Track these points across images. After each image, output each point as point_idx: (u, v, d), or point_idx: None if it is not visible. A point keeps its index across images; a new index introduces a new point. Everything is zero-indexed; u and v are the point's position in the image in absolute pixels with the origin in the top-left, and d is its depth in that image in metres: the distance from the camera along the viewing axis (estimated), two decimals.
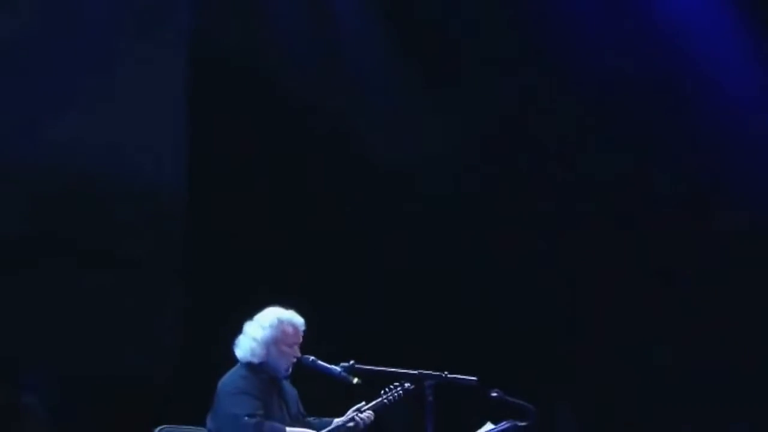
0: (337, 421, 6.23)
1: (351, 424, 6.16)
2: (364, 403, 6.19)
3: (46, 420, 7.20)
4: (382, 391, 6.23)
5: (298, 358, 6.21)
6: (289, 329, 6.16)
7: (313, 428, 6.25)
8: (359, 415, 6.17)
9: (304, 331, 6.22)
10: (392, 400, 6.21)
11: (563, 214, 8.88)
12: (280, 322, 6.15)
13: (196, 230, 8.35)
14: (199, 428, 6.19)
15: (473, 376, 6.18)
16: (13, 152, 7.88)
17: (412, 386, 6.26)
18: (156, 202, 8.23)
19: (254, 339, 6.11)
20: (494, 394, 6.34)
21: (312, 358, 6.23)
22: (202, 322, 8.09)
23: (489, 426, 6.34)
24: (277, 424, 5.97)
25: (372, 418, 6.20)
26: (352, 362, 6.18)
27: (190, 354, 7.87)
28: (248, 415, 5.86)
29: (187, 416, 6.64)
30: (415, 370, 6.11)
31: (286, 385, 6.27)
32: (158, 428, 6.24)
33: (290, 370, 6.19)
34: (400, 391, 6.22)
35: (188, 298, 8.19)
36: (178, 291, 8.21)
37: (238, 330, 6.24)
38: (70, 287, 7.85)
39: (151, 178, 8.25)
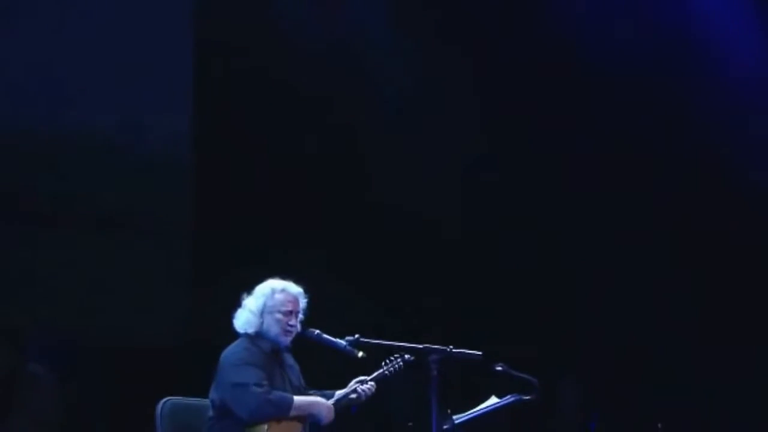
0: (339, 393, 6.23)
1: (353, 395, 6.17)
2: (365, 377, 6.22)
3: (52, 388, 7.21)
4: (383, 363, 6.24)
5: (303, 332, 6.22)
6: (282, 297, 6.13)
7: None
8: (360, 387, 6.18)
9: (307, 303, 6.20)
10: (393, 372, 6.21)
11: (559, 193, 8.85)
12: (273, 290, 6.14)
13: (204, 195, 8.32)
14: (204, 400, 6.19)
15: (477, 350, 6.18)
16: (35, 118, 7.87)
17: (412, 357, 6.27)
18: (164, 166, 8.21)
19: (250, 310, 6.12)
20: (499, 368, 6.36)
21: (317, 331, 6.22)
22: (210, 289, 8.08)
23: (493, 399, 6.36)
24: (285, 393, 5.97)
25: (373, 389, 6.20)
26: (357, 336, 6.17)
27: (198, 322, 7.86)
28: (256, 384, 5.85)
29: (194, 384, 6.67)
30: (420, 344, 6.12)
31: (288, 358, 6.26)
32: (163, 400, 6.27)
33: (290, 340, 6.18)
34: (401, 362, 6.23)
35: (196, 265, 8.18)
36: (186, 257, 8.20)
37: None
38: (75, 252, 7.84)
39: (160, 142, 8.22)
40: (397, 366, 6.24)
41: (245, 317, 6.13)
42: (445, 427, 6.07)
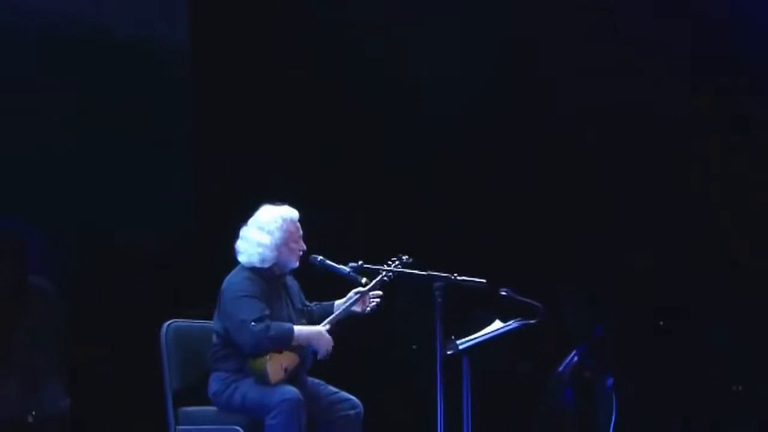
0: (339, 302, 6.27)
1: (356, 308, 6.20)
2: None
3: (55, 301, 7.21)
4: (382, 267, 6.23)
5: (306, 258, 6.21)
6: (292, 226, 6.12)
7: (314, 315, 6.31)
8: (366, 304, 6.21)
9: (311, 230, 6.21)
10: (392, 277, 6.20)
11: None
12: (284, 220, 6.09)
13: (203, 100, 8.21)
14: (208, 322, 6.22)
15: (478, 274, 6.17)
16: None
17: (411, 259, 6.27)
18: (162, 66, 8.06)
19: (261, 245, 6.04)
20: (503, 293, 6.35)
21: (320, 257, 6.20)
22: (212, 201, 8.05)
23: (497, 323, 6.36)
24: (285, 324, 5.99)
25: (377, 301, 6.23)
26: (360, 262, 6.15)
27: (201, 235, 7.83)
28: (255, 320, 5.86)
29: (197, 298, 6.70)
30: (424, 271, 6.11)
31: (289, 279, 6.28)
32: (167, 322, 6.30)
33: (297, 264, 6.19)
34: (398, 265, 6.22)
35: (198, 173, 8.10)
36: (188, 165, 8.12)
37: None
38: (75, 149, 7.73)
39: (158, 40, 8.06)
40: (396, 269, 6.20)
41: (256, 252, 6.06)
42: (449, 351, 6.09)
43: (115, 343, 7.23)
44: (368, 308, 6.21)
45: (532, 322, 6.35)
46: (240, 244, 6.13)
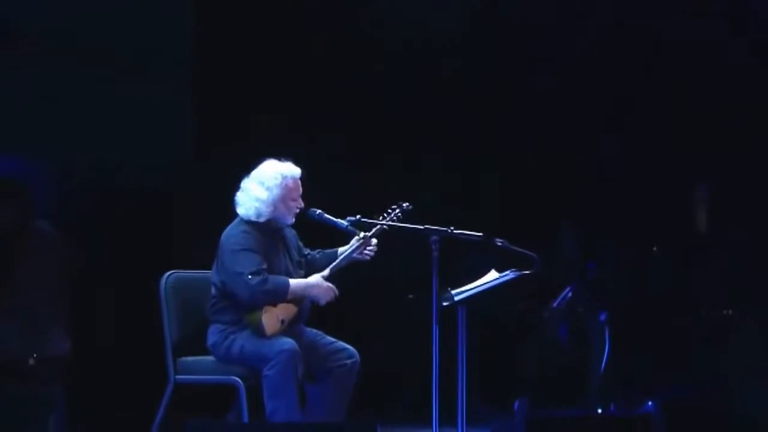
0: (342, 249, 6.31)
1: (357, 255, 6.24)
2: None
3: (57, 245, 7.24)
4: (380, 217, 6.26)
5: (304, 211, 6.24)
6: (293, 183, 6.15)
7: (316, 263, 6.37)
8: (366, 249, 6.24)
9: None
10: (390, 226, 6.26)
11: None
12: (284, 177, 6.12)
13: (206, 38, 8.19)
14: (208, 272, 6.27)
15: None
16: None
17: (410, 206, 6.32)
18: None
19: (258, 199, 6.09)
20: (499, 243, 6.40)
21: (318, 211, 6.24)
22: (214, 134, 8.06)
23: (493, 273, 6.41)
24: (281, 278, 6.05)
25: (375, 244, 6.26)
26: (358, 216, 6.19)
27: (202, 168, 7.87)
28: (252, 273, 5.92)
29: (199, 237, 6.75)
30: (420, 225, 6.15)
31: (287, 230, 6.32)
32: (167, 273, 6.36)
33: (293, 220, 6.24)
34: (399, 213, 6.27)
35: (199, 107, 8.10)
36: (190, 99, 8.11)
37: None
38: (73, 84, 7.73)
39: None
40: (395, 218, 6.26)
41: (253, 206, 6.11)
42: (444, 303, 6.16)
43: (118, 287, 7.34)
44: (367, 255, 6.25)
45: (527, 272, 6.41)
46: (239, 196, 6.17)
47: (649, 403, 3.80)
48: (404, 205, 6.29)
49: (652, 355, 9.19)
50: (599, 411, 9.17)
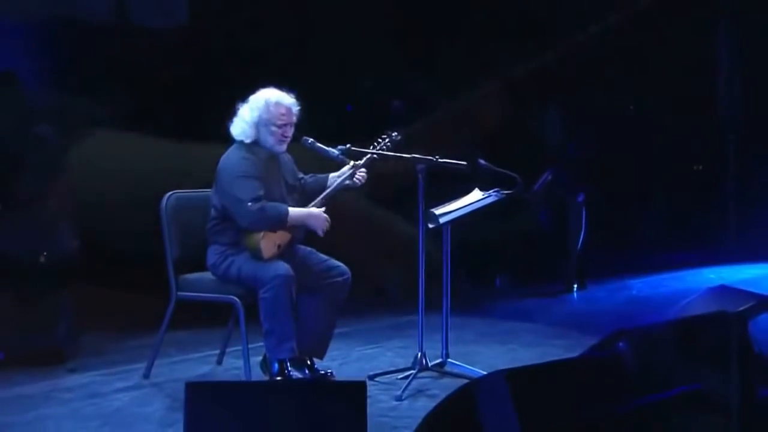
0: (333, 175, 6.58)
1: (348, 182, 6.49)
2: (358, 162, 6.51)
3: (58, 147, 7.46)
4: (371, 146, 6.52)
5: (297, 139, 6.46)
6: (276, 110, 6.32)
7: (307, 187, 6.63)
8: (357, 174, 6.49)
9: (299, 112, 6.40)
10: (379, 154, 6.51)
11: None
12: (267, 103, 6.32)
13: None
14: (207, 191, 6.49)
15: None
16: None
17: (399, 136, 6.59)
18: None
19: (244, 120, 6.34)
20: (482, 162, 6.67)
21: (311, 140, 6.46)
22: None
23: (477, 193, 6.68)
24: (281, 206, 6.28)
25: (365, 173, 6.52)
26: (348, 145, 6.44)
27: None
28: (251, 200, 6.16)
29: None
30: (407, 154, 6.42)
31: (283, 156, 6.52)
32: (168, 193, 6.58)
33: (285, 148, 6.45)
34: (388, 143, 6.53)
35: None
36: None
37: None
38: None
39: None
40: (385, 147, 6.54)
41: (240, 126, 6.35)
42: (430, 225, 6.46)
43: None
44: (358, 182, 6.52)
45: (509, 192, 6.70)
46: (235, 118, 6.42)
47: (620, 344, 4.03)
48: (393, 134, 6.53)
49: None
50: (575, 287, 9.66)
